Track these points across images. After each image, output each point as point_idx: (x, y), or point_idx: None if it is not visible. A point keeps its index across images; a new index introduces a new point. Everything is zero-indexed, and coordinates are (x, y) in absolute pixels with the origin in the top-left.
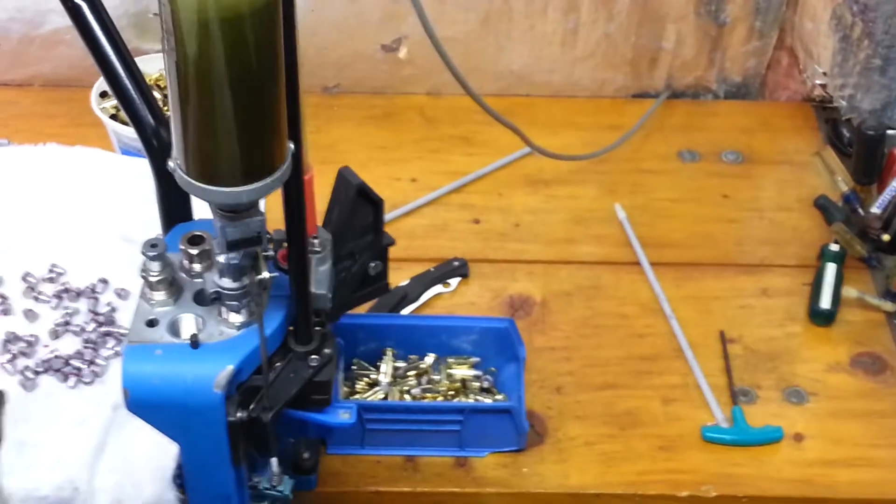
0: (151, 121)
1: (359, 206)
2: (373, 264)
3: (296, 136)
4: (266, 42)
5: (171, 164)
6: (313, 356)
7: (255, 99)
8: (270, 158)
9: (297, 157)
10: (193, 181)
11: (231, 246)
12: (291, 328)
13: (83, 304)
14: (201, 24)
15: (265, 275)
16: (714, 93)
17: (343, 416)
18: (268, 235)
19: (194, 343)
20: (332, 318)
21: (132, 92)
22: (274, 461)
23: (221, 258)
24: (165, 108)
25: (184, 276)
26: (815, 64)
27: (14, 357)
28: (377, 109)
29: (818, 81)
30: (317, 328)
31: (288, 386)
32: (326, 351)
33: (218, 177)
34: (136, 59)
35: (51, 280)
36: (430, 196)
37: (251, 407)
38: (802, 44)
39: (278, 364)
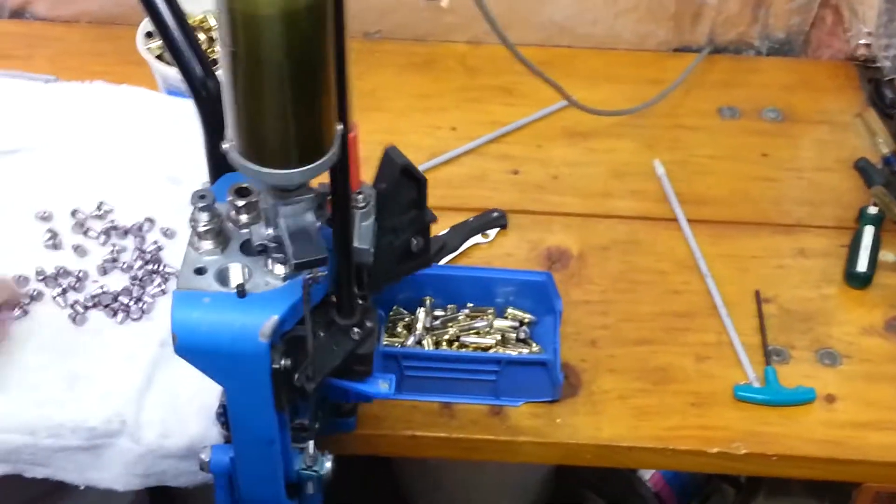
0: (200, 72)
1: (403, 185)
2: (415, 240)
3: (344, 117)
4: (320, 33)
5: (225, 144)
6: (356, 329)
7: (308, 87)
8: (321, 141)
9: (345, 137)
10: (247, 163)
11: (298, 266)
12: (334, 300)
13: (130, 242)
14: (259, 19)
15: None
16: (756, 49)
17: (382, 386)
18: (312, 191)
19: (241, 293)
20: (375, 291)
21: (182, 45)
22: (311, 443)
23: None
24: (209, 49)
25: (231, 225)
26: (860, 23)
27: (64, 291)
28: (417, 57)
29: (862, 41)
30: (359, 301)
31: (331, 358)
32: (368, 324)
33: (271, 159)
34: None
35: (99, 217)
36: (470, 145)
37: (296, 377)
38: (847, 2)
39: (322, 335)
